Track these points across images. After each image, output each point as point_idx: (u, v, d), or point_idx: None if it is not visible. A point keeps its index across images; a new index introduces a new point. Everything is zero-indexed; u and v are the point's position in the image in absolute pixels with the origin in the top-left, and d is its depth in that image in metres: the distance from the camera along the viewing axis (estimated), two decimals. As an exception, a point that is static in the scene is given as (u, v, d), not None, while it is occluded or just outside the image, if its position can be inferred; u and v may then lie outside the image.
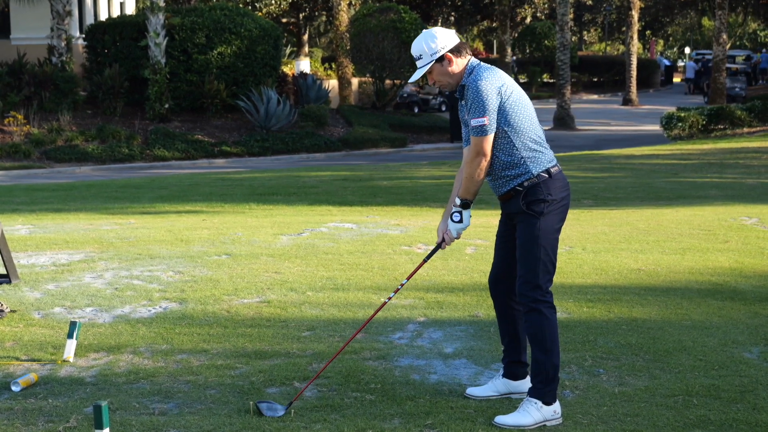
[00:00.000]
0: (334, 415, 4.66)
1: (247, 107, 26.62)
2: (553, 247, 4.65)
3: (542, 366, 4.60)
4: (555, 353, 4.60)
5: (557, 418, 4.58)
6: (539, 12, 57.51)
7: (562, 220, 4.70)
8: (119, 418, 4.62)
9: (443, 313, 6.63)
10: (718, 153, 22.16)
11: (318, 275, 7.87)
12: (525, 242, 4.62)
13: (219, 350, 5.77)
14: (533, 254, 4.59)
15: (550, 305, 4.63)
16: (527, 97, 4.72)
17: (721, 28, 39.95)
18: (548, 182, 4.61)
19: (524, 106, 4.63)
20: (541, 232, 4.59)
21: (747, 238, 9.76)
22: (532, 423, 4.53)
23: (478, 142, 4.59)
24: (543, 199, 4.59)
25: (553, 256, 4.65)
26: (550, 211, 4.61)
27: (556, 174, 4.65)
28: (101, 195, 15.19)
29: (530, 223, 4.61)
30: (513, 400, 4.85)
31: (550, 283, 4.66)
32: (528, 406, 4.57)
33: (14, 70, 25.89)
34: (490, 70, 4.63)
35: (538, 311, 4.59)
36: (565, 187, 4.69)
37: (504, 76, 4.64)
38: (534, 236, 4.59)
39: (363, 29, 32.11)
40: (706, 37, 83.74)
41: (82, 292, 7.31)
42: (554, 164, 4.68)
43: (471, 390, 4.98)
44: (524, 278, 4.62)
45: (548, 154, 4.68)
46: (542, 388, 4.58)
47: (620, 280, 7.70)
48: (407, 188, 15.74)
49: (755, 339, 5.97)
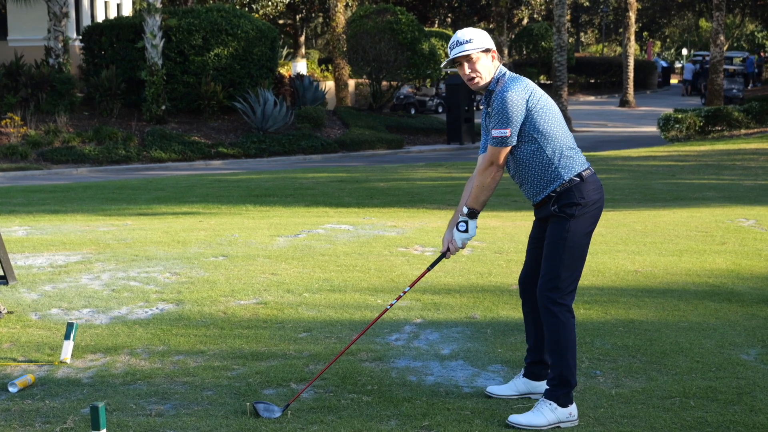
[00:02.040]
0: (330, 416, 4.66)
1: (244, 109, 26.61)
2: (581, 251, 4.63)
3: (556, 368, 4.60)
4: (569, 357, 4.59)
5: (573, 420, 4.58)
6: (536, 13, 57.56)
7: (594, 224, 4.68)
8: (116, 419, 4.62)
9: (440, 315, 6.63)
10: (715, 154, 22.18)
11: (315, 277, 7.87)
12: (552, 242, 4.62)
13: (216, 351, 5.77)
14: (558, 255, 4.58)
15: (568, 309, 4.61)
16: (555, 104, 4.71)
17: (718, 30, 39.97)
18: (581, 186, 4.60)
19: (553, 113, 4.62)
20: (569, 234, 4.57)
21: (744, 239, 9.77)
22: (545, 423, 4.53)
23: (495, 152, 4.60)
24: (575, 202, 4.58)
25: (580, 261, 4.63)
26: (582, 214, 4.59)
27: (589, 177, 4.63)
28: (98, 196, 15.18)
29: (560, 224, 4.59)
30: (514, 403, 4.85)
31: (573, 286, 4.63)
32: (542, 407, 4.58)
33: (11, 72, 25.88)
34: (518, 80, 4.62)
35: (552, 313, 4.58)
36: (598, 189, 4.67)
37: (530, 84, 4.64)
38: (562, 237, 4.58)
39: (360, 31, 32.12)
40: (704, 39, 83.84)
41: (79, 293, 7.30)
42: (586, 167, 4.66)
43: (491, 388, 4.99)
44: (546, 277, 4.61)
45: (579, 157, 4.67)
46: (556, 390, 4.58)
47: (617, 281, 7.71)
48: (404, 190, 15.74)
49: (752, 341, 5.97)
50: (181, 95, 27.38)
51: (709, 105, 36.87)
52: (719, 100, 39.42)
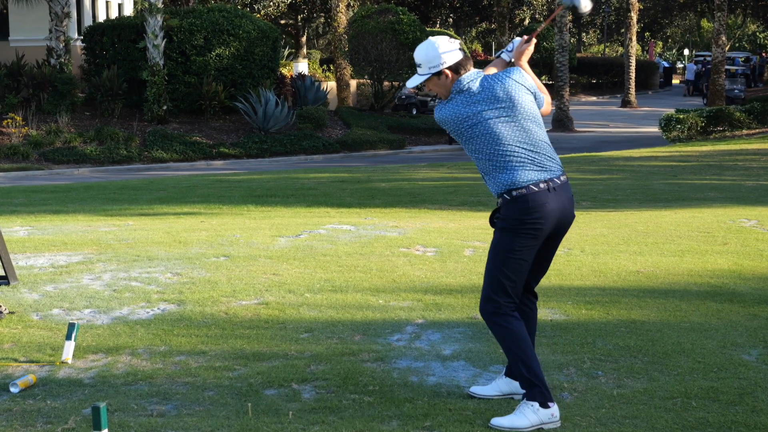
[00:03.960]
0: (332, 417, 4.65)
1: (245, 109, 26.62)
2: (515, 268, 4.54)
3: (519, 371, 4.60)
4: (523, 359, 4.56)
5: (555, 421, 4.56)
6: (538, 13, 57.57)
7: (536, 240, 4.53)
8: (117, 419, 4.61)
9: (441, 315, 6.63)
10: (717, 155, 22.16)
11: (316, 277, 7.86)
12: (490, 250, 4.62)
13: (217, 352, 5.77)
14: (495, 265, 4.56)
15: (505, 314, 4.56)
16: (527, 108, 4.58)
17: (720, 30, 39.98)
18: (533, 196, 4.48)
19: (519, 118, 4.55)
20: (503, 245, 4.53)
21: (746, 240, 9.76)
22: (528, 425, 4.52)
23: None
24: (516, 216, 4.49)
25: (515, 274, 4.55)
26: (522, 229, 4.49)
27: (541, 192, 4.48)
28: (99, 197, 15.18)
29: (499, 233, 4.56)
30: (513, 402, 4.85)
31: (507, 297, 4.57)
32: (524, 408, 4.56)
33: (12, 72, 25.90)
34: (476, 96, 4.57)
35: (493, 323, 4.59)
36: (548, 204, 4.49)
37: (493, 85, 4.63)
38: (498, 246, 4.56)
39: (361, 31, 32.13)
40: (705, 39, 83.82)
41: (81, 293, 7.30)
42: (547, 178, 4.52)
43: (474, 388, 4.98)
44: (483, 288, 4.62)
45: (552, 166, 4.56)
46: (531, 390, 4.57)
47: (619, 282, 7.70)
48: (405, 190, 15.73)
49: (754, 341, 5.97)
50: (182, 95, 27.39)
51: (711, 105, 36.89)
52: (721, 100, 39.44)
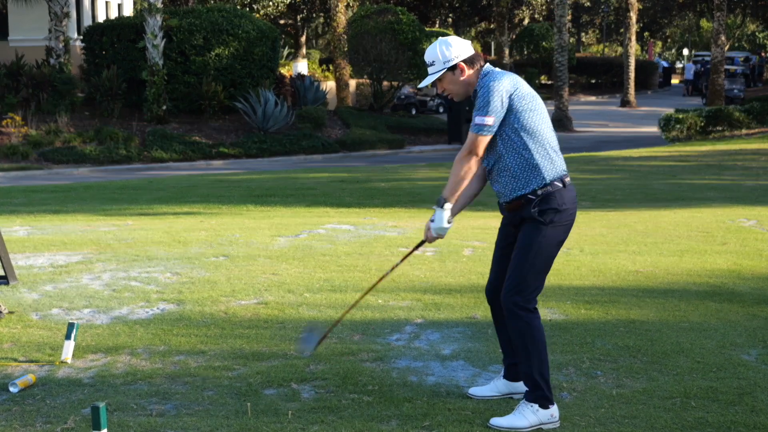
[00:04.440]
0: (331, 416, 4.66)
1: (245, 109, 26.62)
2: (551, 259, 4.57)
3: (528, 370, 4.57)
4: (538, 359, 4.54)
5: (554, 421, 4.56)
6: (537, 13, 57.59)
7: (566, 234, 4.61)
8: (117, 419, 4.62)
9: (441, 315, 6.63)
10: (716, 155, 22.17)
11: (315, 277, 7.87)
12: (525, 246, 4.53)
13: (216, 351, 5.77)
14: (528, 260, 4.51)
15: (530, 311, 4.55)
16: (542, 103, 4.63)
17: (719, 30, 39.98)
18: (563, 192, 4.52)
19: (540, 111, 4.55)
20: (544, 239, 4.50)
21: (745, 240, 9.76)
22: (527, 425, 4.52)
23: (474, 140, 4.48)
24: (555, 208, 4.50)
25: (547, 268, 4.58)
26: (560, 221, 4.52)
27: (570, 185, 4.57)
28: (99, 196, 15.18)
29: (536, 228, 4.51)
30: (513, 402, 4.85)
31: (538, 292, 4.58)
32: (524, 409, 4.56)
33: (12, 72, 25.90)
34: (506, 74, 4.56)
35: (518, 317, 4.53)
36: (574, 200, 4.60)
37: (519, 81, 4.57)
38: (536, 242, 4.50)
39: (361, 31, 32.13)
40: (705, 39, 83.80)
41: (80, 293, 7.30)
42: (567, 174, 4.60)
43: (473, 390, 4.98)
44: (513, 281, 4.54)
45: (562, 162, 4.59)
46: (534, 392, 4.56)
47: (618, 281, 7.70)
48: (405, 190, 15.73)
49: (753, 341, 5.97)
50: (182, 95, 27.39)
51: (710, 105, 36.88)
52: (720, 100, 39.43)
